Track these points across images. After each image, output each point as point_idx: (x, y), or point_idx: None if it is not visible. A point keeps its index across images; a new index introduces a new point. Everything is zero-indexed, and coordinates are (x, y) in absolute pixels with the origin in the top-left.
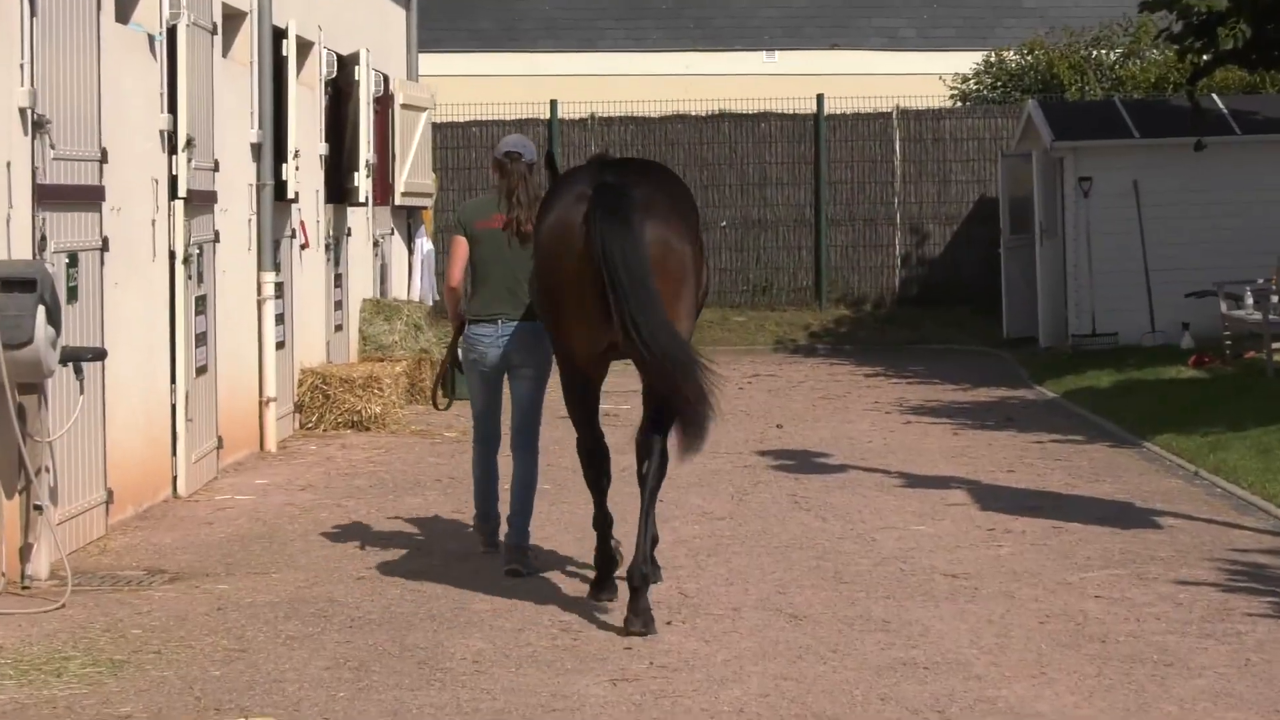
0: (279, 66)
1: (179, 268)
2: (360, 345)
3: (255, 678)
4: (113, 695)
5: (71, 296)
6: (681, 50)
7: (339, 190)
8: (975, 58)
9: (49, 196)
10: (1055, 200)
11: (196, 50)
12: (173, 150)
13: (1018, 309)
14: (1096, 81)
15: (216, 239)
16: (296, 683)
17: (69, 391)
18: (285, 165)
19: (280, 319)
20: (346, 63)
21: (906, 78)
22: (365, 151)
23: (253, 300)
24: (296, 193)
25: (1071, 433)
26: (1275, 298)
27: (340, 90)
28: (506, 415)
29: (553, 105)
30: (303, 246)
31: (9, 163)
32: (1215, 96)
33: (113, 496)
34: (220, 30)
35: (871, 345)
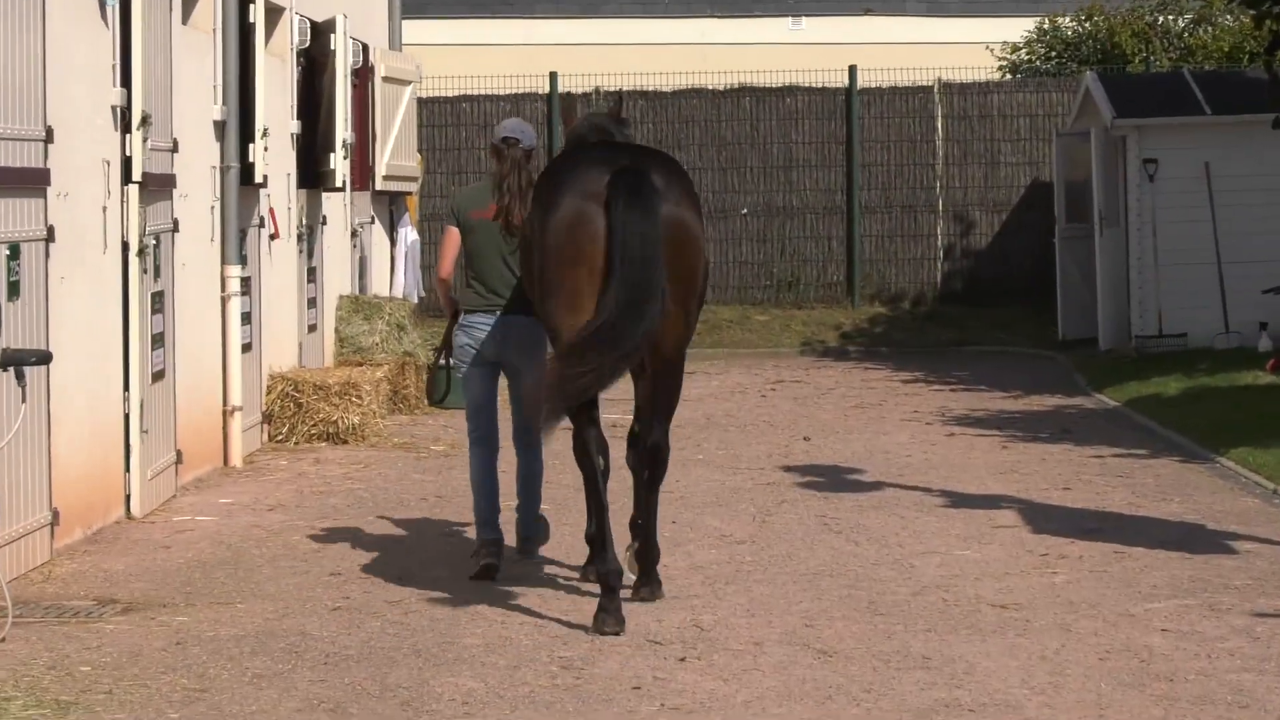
0: (245, 35)
1: (133, 260)
2: (337, 348)
3: None
4: None
5: (12, 293)
6: (697, 16)
7: (313, 174)
8: (1027, 24)
9: None
10: (1117, 185)
11: (153, 16)
12: (126, 129)
13: (1074, 307)
14: (1163, 51)
15: (175, 228)
16: None
17: (9, 400)
18: (252, 145)
19: (247, 318)
20: (321, 30)
21: (949, 47)
22: (342, 130)
23: (216, 297)
24: (265, 176)
25: (1135, 446)
26: None
27: (314, 61)
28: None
29: (552, 78)
30: (272, 237)
31: None
32: None
33: (58, 517)
34: None
35: (910, 347)
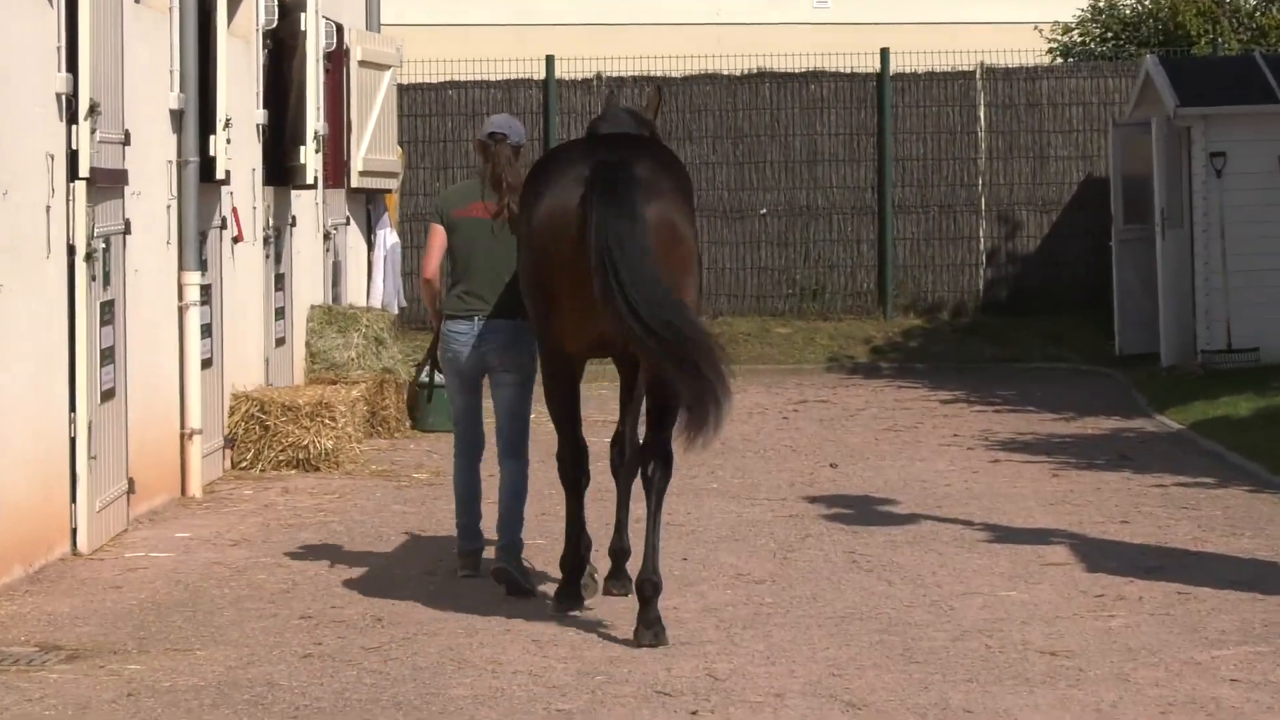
0: (205, 14)
1: (80, 266)
2: (308, 364)
3: None
4: None
5: None
6: None
7: (281, 169)
8: (1080, 3)
9: None
10: (1180, 181)
11: None
12: (72, 119)
13: (1133, 318)
14: (1232, 32)
15: (127, 230)
16: None
17: None
18: (213, 137)
19: (207, 330)
20: (290, 9)
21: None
22: (314, 120)
23: (173, 307)
24: (228, 172)
25: (1201, 474)
26: None
27: (282, 44)
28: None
29: (549, 62)
30: (235, 239)
31: None
32: None
33: None
34: None
35: (949, 363)
